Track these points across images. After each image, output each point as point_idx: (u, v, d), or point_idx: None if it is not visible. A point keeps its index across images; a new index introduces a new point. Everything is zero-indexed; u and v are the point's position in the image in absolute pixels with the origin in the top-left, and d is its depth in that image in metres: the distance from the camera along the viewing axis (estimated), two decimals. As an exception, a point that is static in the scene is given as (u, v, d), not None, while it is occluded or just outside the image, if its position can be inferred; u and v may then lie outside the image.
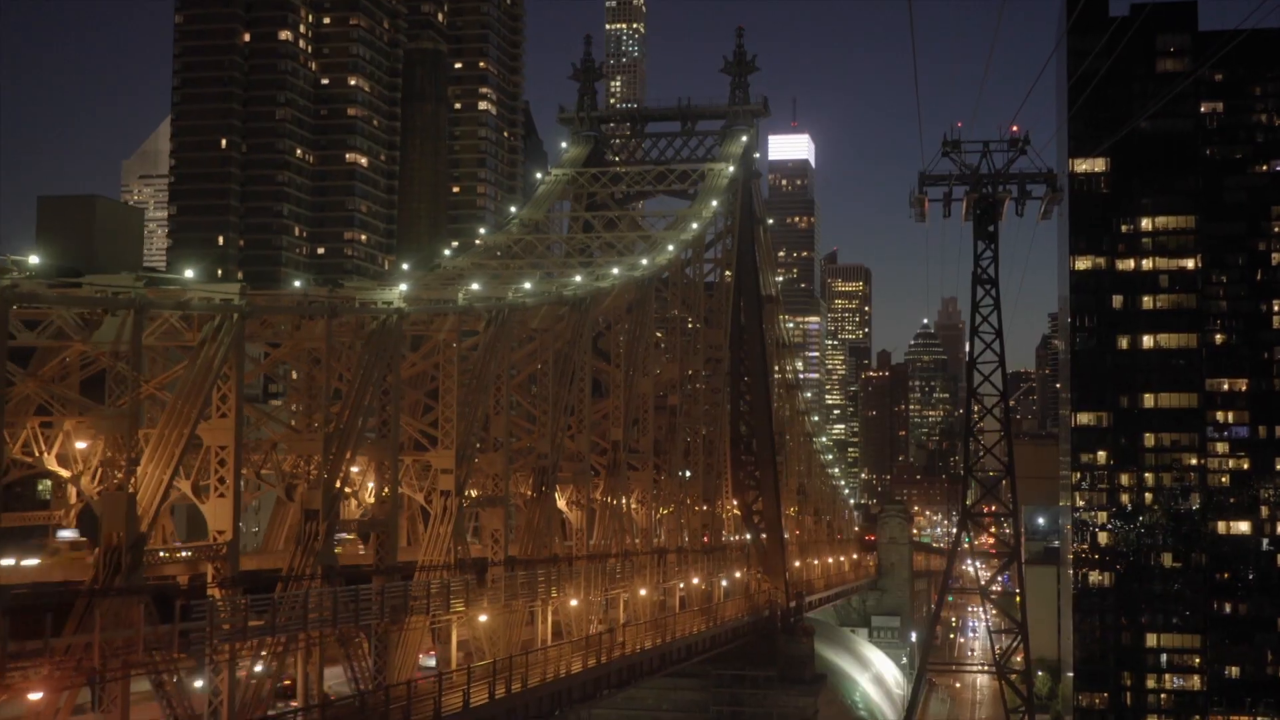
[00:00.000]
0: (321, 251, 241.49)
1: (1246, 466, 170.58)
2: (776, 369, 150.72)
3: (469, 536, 78.85)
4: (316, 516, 51.96)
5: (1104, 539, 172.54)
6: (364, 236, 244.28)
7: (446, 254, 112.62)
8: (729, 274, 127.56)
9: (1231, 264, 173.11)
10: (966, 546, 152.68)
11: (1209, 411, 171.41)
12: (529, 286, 73.93)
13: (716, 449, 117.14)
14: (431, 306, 64.44)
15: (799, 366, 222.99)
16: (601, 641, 77.59)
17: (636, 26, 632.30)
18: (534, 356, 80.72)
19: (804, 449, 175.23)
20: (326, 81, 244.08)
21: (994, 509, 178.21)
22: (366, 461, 61.08)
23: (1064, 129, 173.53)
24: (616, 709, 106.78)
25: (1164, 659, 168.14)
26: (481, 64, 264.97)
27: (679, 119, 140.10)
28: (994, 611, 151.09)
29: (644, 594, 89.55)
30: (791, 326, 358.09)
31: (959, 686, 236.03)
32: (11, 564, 47.80)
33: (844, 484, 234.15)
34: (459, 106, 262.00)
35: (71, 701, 40.50)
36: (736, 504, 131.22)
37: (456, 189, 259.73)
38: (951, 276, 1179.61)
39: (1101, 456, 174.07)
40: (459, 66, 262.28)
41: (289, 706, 51.09)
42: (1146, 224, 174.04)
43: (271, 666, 48.14)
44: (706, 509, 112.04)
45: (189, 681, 45.28)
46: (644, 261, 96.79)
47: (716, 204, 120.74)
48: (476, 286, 69.49)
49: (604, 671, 78.03)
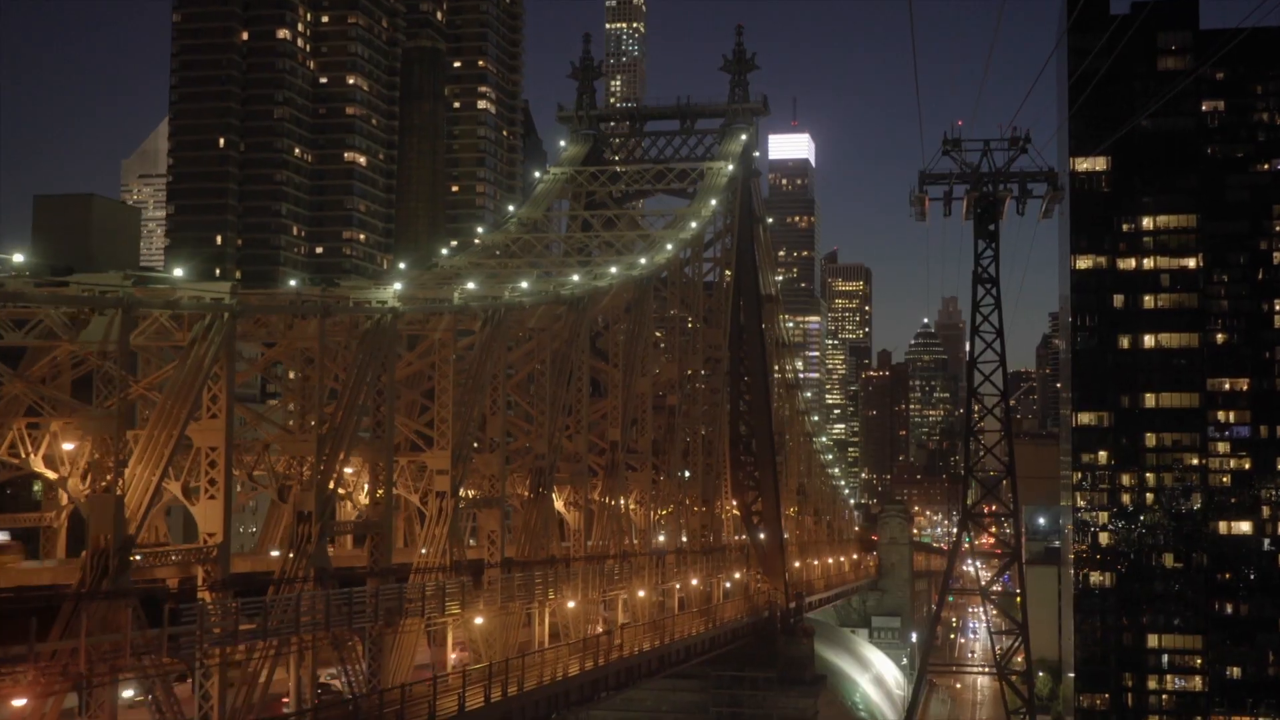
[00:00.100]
0: (320, 251, 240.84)
1: (1248, 466, 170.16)
2: (776, 369, 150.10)
3: (468, 538, 78.51)
4: (309, 518, 51.37)
5: (1105, 539, 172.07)
6: (362, 236, 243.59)
7: (444, 253, 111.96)
8: (728, 273, 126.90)
9: (1233, 263, 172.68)
10: (967, 547, 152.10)
11: (1210, 411, 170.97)
12: (525, 286, 73.28)
13: (716, 449, 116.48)
14: (426, 306, 63.76)
15: (799, 366, 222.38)
16: (599, 643, 76.92)
17: (637, 26, 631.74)
18: (531, 356, 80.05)
19: (804, 449, 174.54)
20: (325, 80, 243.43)
21: (994, 509, 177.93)
22: (361, 462, 60.44)
23: (1064, 127, 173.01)
24: (615, 710, 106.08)
25: (1165, 659, 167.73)
26: (480, 63, 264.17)
27: (678, 117, 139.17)
28: (994, 612, 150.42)
29: (642, 595, 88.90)
30: (792, 326, 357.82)
31: (959, 687, 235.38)
32: None
33: (844, 484, 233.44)
34: (458, 105, 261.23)
35: (58, 708, 39.81)
36: (736, 504, 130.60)
37: (455, 188, 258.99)
38: (952, 276, 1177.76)
39: (1102, 456, 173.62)
40: (458, 65, 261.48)
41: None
42: (1148, 223, 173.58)
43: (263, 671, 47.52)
44: (706, 509, 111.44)
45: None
46: (642, 261, 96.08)
47: (716, 203, 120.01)
48: (472, 286, 68.85)
49: (602, 674, 77.31)
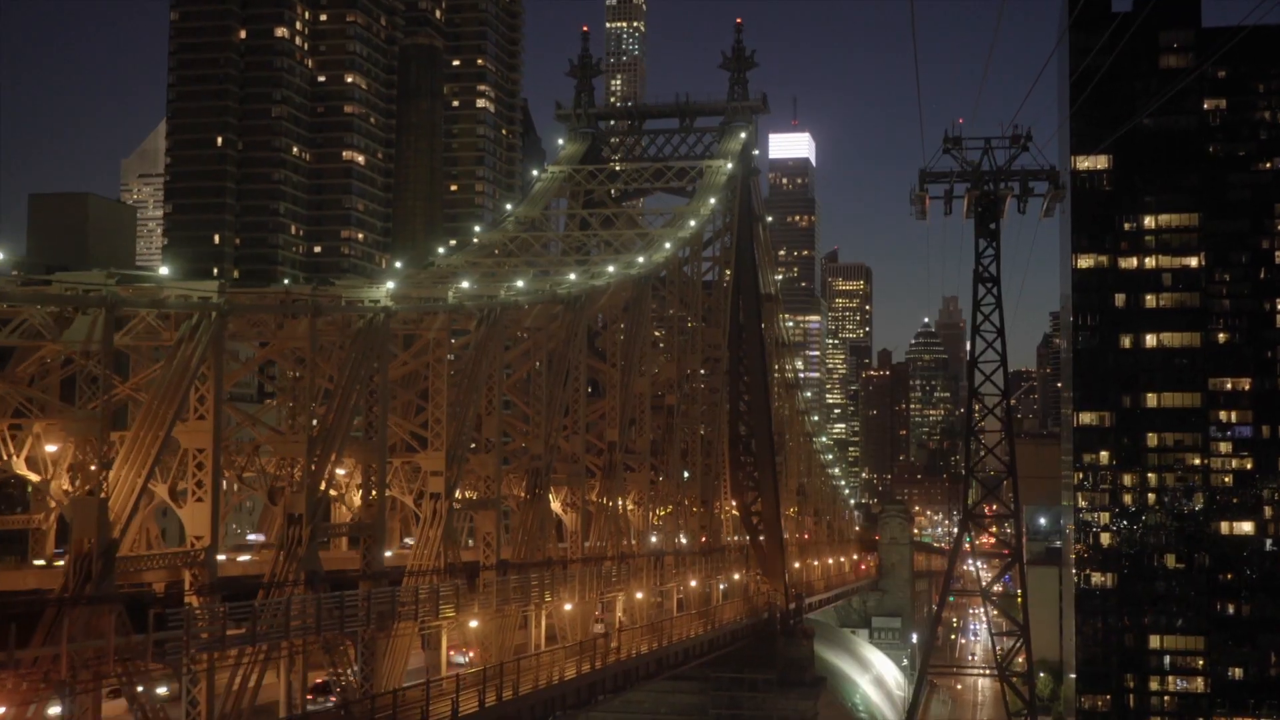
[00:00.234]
0: (318, 250, 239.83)
1: (1250, 466, 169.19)
2: (776, 368, 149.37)
3: (466, 540, 77.70)
4: (300, 521, 50.54)
5: (1106, 539, 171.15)
6: (361, 235, 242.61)
7: (441, 252, 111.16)
8: (728, 272, 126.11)
9: (1235, 262, 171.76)
10: (968, 547, 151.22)
11: (1212, 411, 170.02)
12: (521, 285, 72.44)
13: (715, 449, 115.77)
14: (420, 305, 62.98)
15: (799, 366, 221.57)
16: (596, 646, 76.11)
17: (637, 25, 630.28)
18: (528, 356, 79.27)
19: (804, 449, 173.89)
20: (323, 79, 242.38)
21: (995, 509, 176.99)
22: (353, 464, 59.63)
23: (1066, 126, 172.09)
24: (613, 713, 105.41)
25: (1167, 660, 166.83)
26: (479, 61, 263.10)
27: (677, 116, 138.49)
28: (995, 612, 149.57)
29: (640, 597, 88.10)
30: (792, 326, 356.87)
31: (960, 688, 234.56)
32: None
33: (844, 484, 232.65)
34: (457, 104, 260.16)
35: (40, 716, 38.97)
36: (735, 505, 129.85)
37: (454, 187, 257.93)
38: (953, 275, 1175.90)
39: (1104, 456, 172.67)
40: (457, 64, 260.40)
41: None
42: (1149, 222, 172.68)
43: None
44: (704, 510, 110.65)
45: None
46: (640, 260, 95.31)
47: (715, 201, 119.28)
48: (466, 285, 68.00)
49: (599, 677, 76.54)
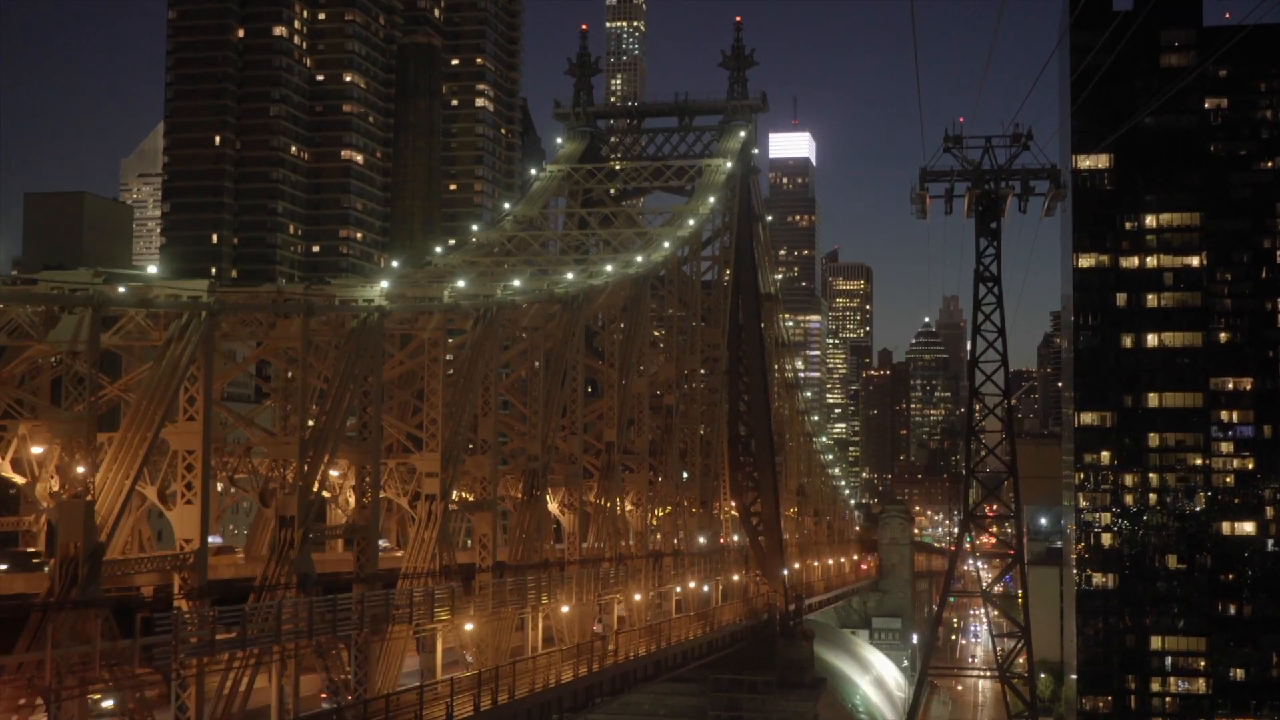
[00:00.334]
0: (316, 250, 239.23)
1: (1251, 466, 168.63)
2: (776, 368, 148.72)
3: (464, 541, 77.00)
4: (292, 523, 49.85)
5: (1107, 540, 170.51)
6: (359, 234, 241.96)
7: (438, 251, 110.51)
8: (727, 272, 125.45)
9: (1236, 261, 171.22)
10: (969, 547, 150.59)
11: (1213, 411, 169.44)
12: (518, 284, 71.71)
13: (714, 450, 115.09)
14: (415, 304, 62.26)
15: (799, 365, 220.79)
16: (594, 649, 75.44)
17: (637, 24, 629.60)
18: (525, 356, 78.57)
19: (804, 449, 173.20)
20: (321, 78, 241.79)
21: (995, 509, 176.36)
22: (347, 465, 58.94)
23: (1066, 125, 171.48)
24: (611, 715, 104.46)
25: (1168, 661, 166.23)
26: (479, 60, 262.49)
27: (676, 114, 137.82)
28: (996, 613, 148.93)
29: (639, 599, 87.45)
30: (792, 325, 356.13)
31: (960, 689, 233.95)
32: None
33: (845, 484, 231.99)
34: (456, 103, 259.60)
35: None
36: (735, 506, 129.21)
37: (453, 186, 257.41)
38: (953, 275, 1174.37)
39: (1105, 457, 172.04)
40: (456, 63, 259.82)
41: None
42: (1150, 221, 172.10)
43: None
44: (704, 511, 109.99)
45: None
46: (639, 259, 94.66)
47: (714, 200, 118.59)
48: (462, 284, 67.31)
49: (596, 680, 75.85)
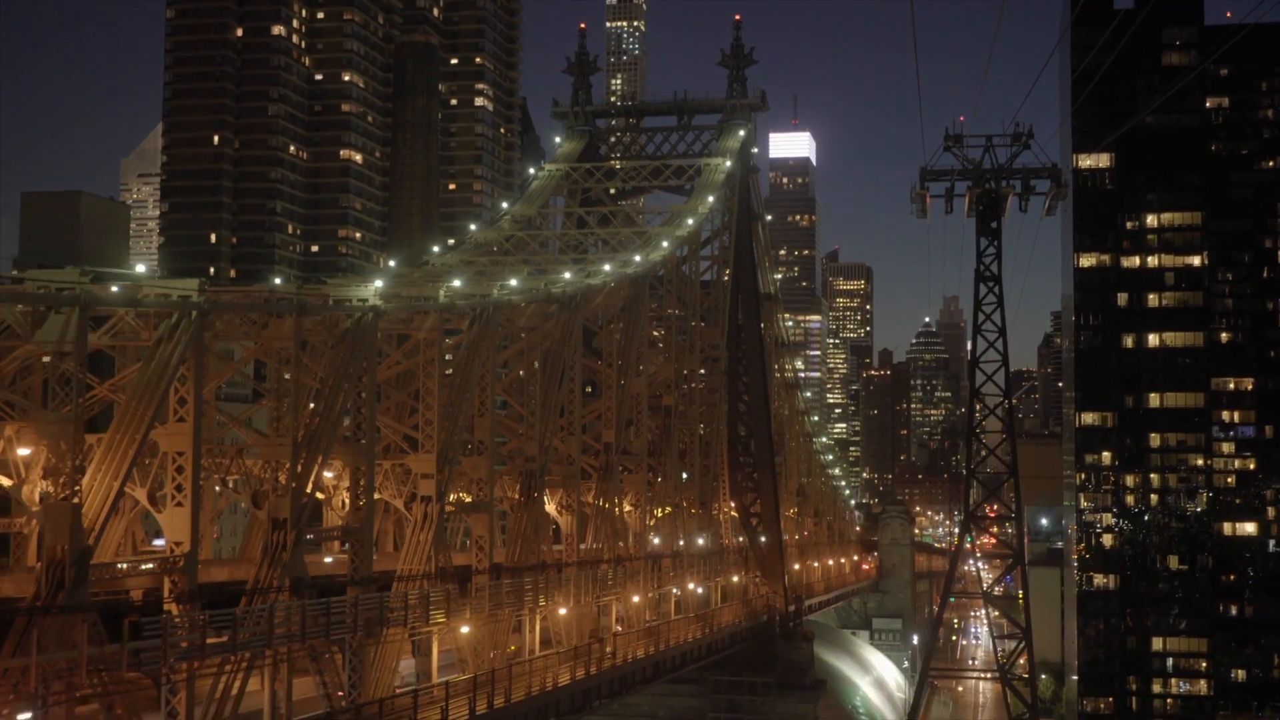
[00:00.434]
0: (315, 249, 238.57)
1: (1253, 467, 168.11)
2: (776, 368, 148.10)
3: (461, 543, 76.34)
4: (284, 526, 49.25)
5: (1108, 540, 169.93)
6: (358, 234, 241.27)
7: (435, 250, 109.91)
8: (726, 271, 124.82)
9: (1238, 261, 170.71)
10: (969, 547, 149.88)
11: (1215, 411, 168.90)
12: (514, 283, 71.06)
13: (713, 450, 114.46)
14: (410, 304, 61.62)
15: (800, 366, 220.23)
16: (591, 651, 74.83)
17: (637, 24, 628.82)
18: (522, 356, 77.94)
19: (804, 449, 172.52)
20: (320, 77, 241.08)
21: (996, 510, 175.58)
22: (341, 466, 58.34)
23: (1067, 124, 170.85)
24: (610, 716, 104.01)
25: (1170, 663, 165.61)
26: (478, 60, 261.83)
27: (675, 113, 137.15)
28: (996, 613, 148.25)
29: (637, 600, 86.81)
30: (792, 325, 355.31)
31: (961, 690, 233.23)
32: None
33: (845, 484, 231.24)
34: (455, 103, 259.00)
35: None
36: (734, 506, 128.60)
37: (452, 186, 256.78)
38: (954, 275, 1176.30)
39: (1106, 457, 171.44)
40: (455, 62, 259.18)
41: None
42: (1152, 220, 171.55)
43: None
44: (703, 512, 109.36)
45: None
46: (637, 258, 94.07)
47: (713, 199, 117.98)
48: (458, 283, 66.69)
49: (594, 682, 75.22)
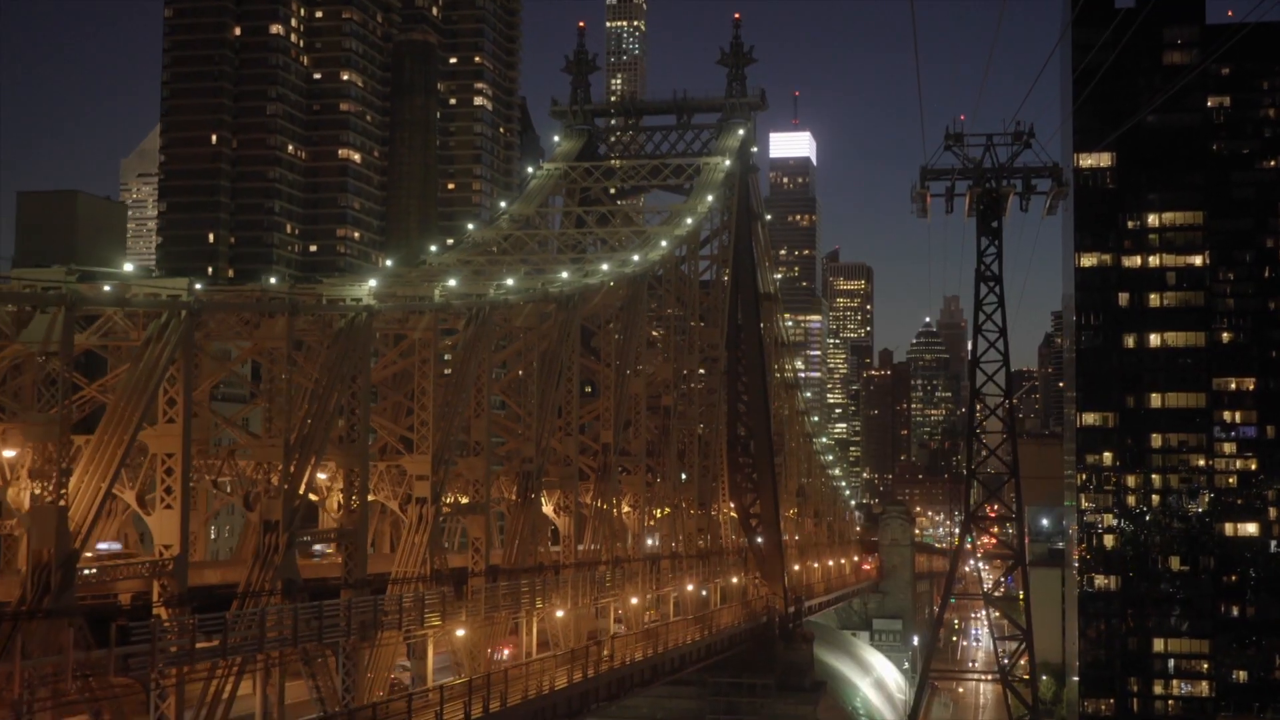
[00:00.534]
0: (314, 249, 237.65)
1: (1254, 467, 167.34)
2: (775, 368, 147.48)
3: (459, 545, 75.73)
4: (277, 528, 48.65)
5: (1109, 541, 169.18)
6: (357, 234, 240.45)
7: (433, 250, 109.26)
8: (726, 271, 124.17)
9: (1239, 260, 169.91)
10: (969, 548, 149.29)
11: (1216, 411, 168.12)
12: (511, 283, 70.43)
13: (713, 451, 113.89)
14: (404, 304, 61.00)
15: (800, 366, 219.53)
16: (589, 653, 74.20)
17: (637, 24, 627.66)
18: (520, 356, 77.31)
19: (804, 449, 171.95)
20: (319, 76, 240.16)
21: (997, 510, 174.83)
22: (335, 468, 57.72)
23: (1069, 123, 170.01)
24: (608, 718, 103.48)
25: (1171, 664, 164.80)
26: (477, 59, 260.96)
27: (674, 112, 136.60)
28: (997, 614, 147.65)
29: (635, 602, 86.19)
30: (793, 325, 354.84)
31: (961, 691, 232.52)
32: None
33: (845, 485, 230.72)
34: (454, 102, 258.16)
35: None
36: (734, 507, 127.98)
37: (451, 185, 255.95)
38: (954, 274, 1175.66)
39: (1107, 457, 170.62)
40: (454, 61, 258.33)
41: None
42: (1153, 220, 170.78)
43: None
44: (702, 513, 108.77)
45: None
46: (635, 258, 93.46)
47: (712, 199, 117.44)
48: (453, 283, 66.05)
49: (592, 685, 74.62)
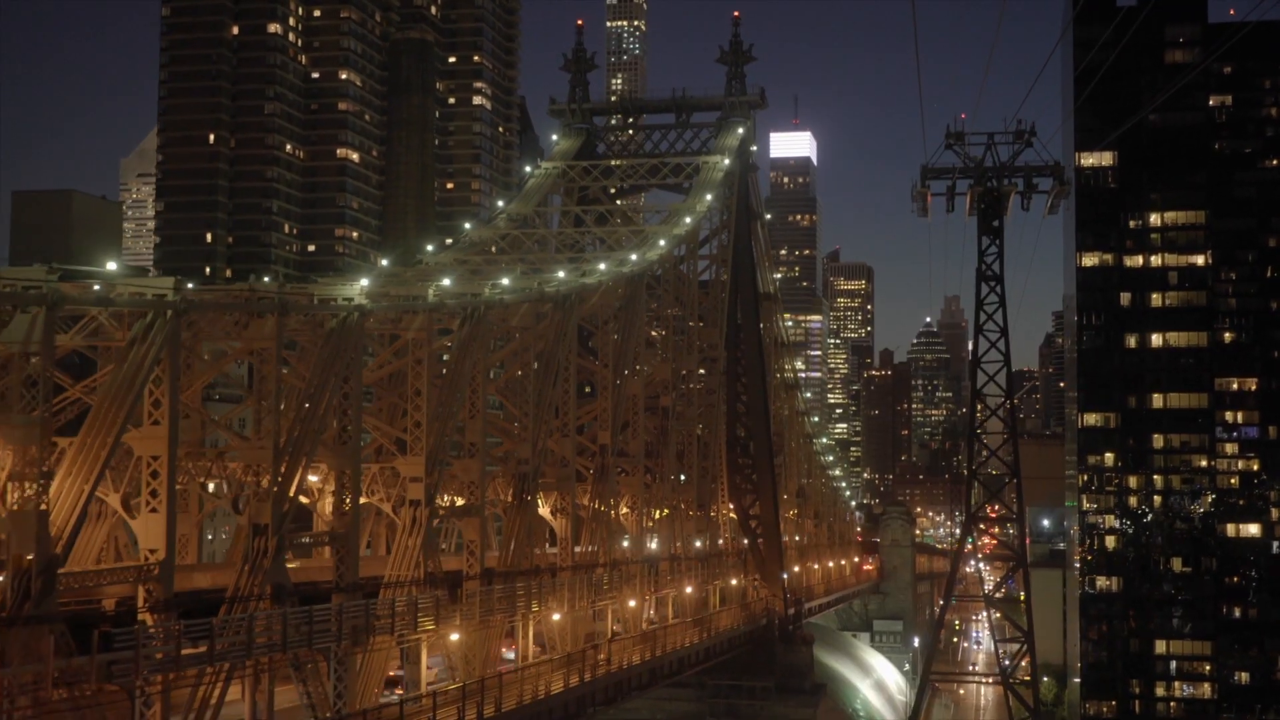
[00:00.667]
0: (312, 249, 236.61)
1: (1256, 467, 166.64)
2: (775, 369, 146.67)
3: (455, 545, 74.84)
4: (266, 531, 47.84)
5: (1111, 542, 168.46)
6: (355, 234, 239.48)
7: (429, 249, 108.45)
8: (725, 270, 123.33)
9: (1241, 260, 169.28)
10: (970, 548, 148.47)
11: (1218, 411, 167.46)
12: (506, 282, 69.57)
13: (712, 451, 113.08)
14: (397, 304, 60.15)
15: (800, 366, 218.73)
16: (585, 657, 73.38)
17: (638, 24, 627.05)
18: (516, 357, 76.47)
19: (804, 450, 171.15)
20: (317, 75, 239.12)
21: (998, 511, 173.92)
22: (327, 470, 56.88)
23: (1070, 122, 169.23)
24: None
25: (1173, 665, 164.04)
26: (476, 58, 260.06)
27: (673, 111, 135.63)
28: (998, 615, 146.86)
29: (633, 605, 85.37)
30: (793, 325, 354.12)
31: (962, 693, 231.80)
32: None
33: (845, 485, 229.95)
34: (453, 101, 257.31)
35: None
36: (733, 508, 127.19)
37: (450, 185, 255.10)
38: (955, 274, 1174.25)
39: (1109, 458, 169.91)
40: (453, 60, 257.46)
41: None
42: (1155, 219, 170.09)
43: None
44: (701, 514, 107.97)
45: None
46: (633, 257, 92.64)
47: (711, 198, 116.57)
48: (447, 282, 65.18)
49: (589, 690, 73.78)
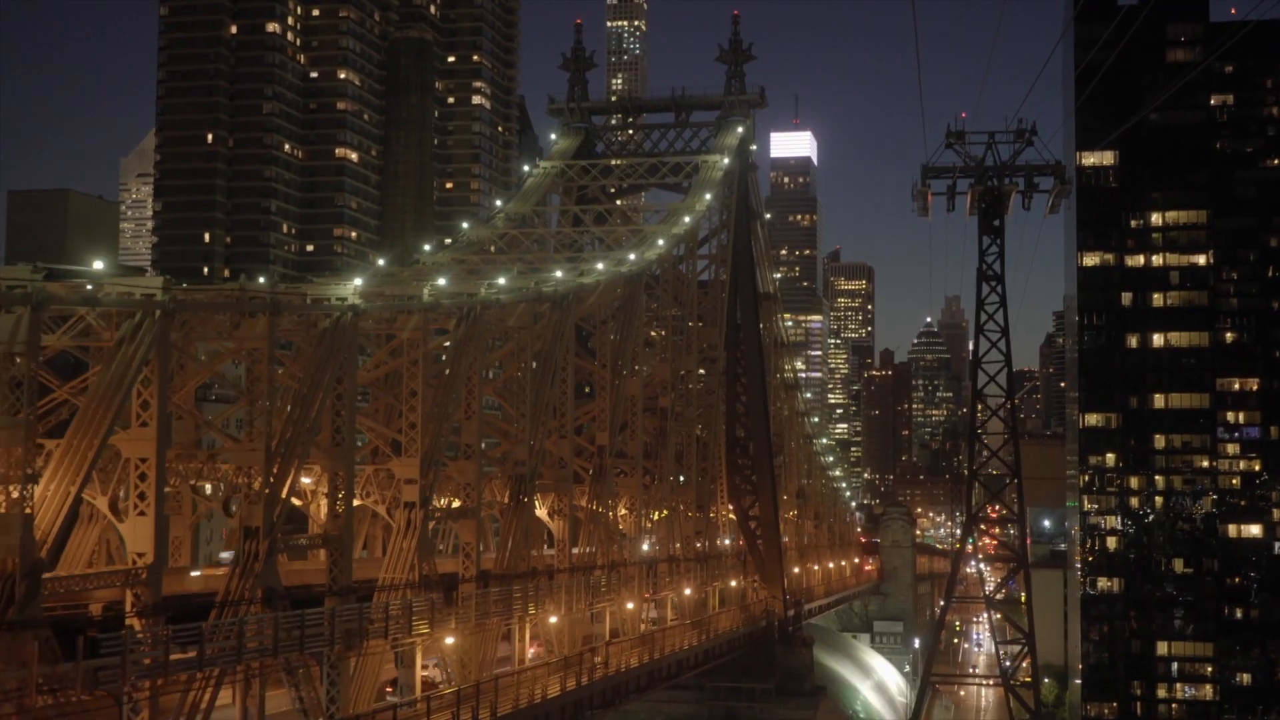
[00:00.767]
0: (310, 249, 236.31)
1: (1258, 468, 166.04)
2: (775, 369, 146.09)
3: (453, 547, 74.17)
4: (257, 534, 47.17)
5: (1112, 543, 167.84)
6: (354, 233, 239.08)
7: (427, 249, 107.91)
8: (725, 270, 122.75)
9: (1243, 260, 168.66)
10: (971, 548, 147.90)
11: (1220, 412, 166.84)
12: (503, 282, 68.89)
13: (711, 452, 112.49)
14: (391, 303, 59.47)
15: (800, 366, 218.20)
16: (583, 660, 72.76)
17: (638, 24, 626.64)
18: (513, 357, 75.83)
19: (804, 450, 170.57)
20: (315, 75, 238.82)
21: (998, 511, 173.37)
22: (320, 472, 56.23)
23: (1071, 121, 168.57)
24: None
25: (1175, 667, 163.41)
26: (475, 57, 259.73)
27: (673, 110, 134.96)
28: (999, 617, 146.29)
29: (631, 607, 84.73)
30: (793, 325, 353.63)
31: (963, 694, 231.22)
32: None
33: (845, 486, 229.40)
34: (452, 100, 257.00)
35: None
36: (732, 509, 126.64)
37: (449, 184, 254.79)
38: (955, 274, 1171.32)
39: (1110, 458, 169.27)
40: (452, 60, 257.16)
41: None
42: (1156, 219, 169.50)
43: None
44: (700, 515, 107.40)
45: None
46: (631, 256, 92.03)
47: (710, 197, 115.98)
48: (442, 282, 64.56)
49: (586, 693, 73.14)
